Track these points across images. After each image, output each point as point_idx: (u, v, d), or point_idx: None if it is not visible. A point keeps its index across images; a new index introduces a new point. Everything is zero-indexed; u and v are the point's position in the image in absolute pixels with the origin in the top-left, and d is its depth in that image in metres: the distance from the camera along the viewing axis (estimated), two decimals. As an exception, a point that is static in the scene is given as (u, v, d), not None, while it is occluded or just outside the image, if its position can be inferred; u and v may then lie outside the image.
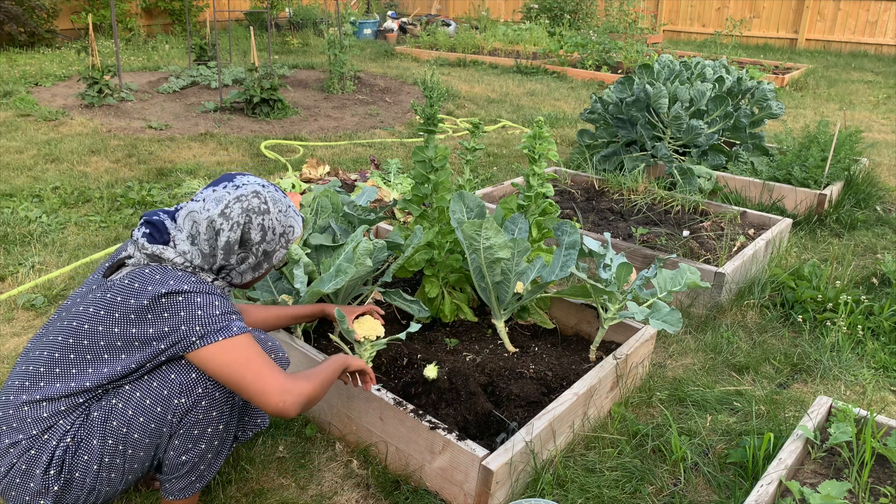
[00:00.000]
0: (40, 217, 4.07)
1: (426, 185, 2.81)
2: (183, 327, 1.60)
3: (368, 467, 2.19)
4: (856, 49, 12.36)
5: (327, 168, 4.96)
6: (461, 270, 2.87)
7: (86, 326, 1.62)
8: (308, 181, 4.76)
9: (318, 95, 8.05)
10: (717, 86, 4.94)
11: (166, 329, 1.60)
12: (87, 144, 5.59)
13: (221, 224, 1.69)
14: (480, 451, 1.94)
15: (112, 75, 7.09)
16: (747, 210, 4.09)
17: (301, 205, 2.87)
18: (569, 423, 2.24)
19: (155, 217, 1.74)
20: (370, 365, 2.36)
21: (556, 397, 2.25)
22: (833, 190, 4.43)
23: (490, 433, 2.19)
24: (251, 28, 7.48)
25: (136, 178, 4.89)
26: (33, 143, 5.59)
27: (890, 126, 7.16)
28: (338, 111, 7.33)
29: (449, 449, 1.99)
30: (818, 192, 4.35)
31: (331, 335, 2.57)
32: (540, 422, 2.10)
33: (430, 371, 2.34)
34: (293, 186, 4.47)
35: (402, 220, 4.09)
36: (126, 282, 1.63)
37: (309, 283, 2.62)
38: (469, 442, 1.97)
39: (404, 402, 2.13)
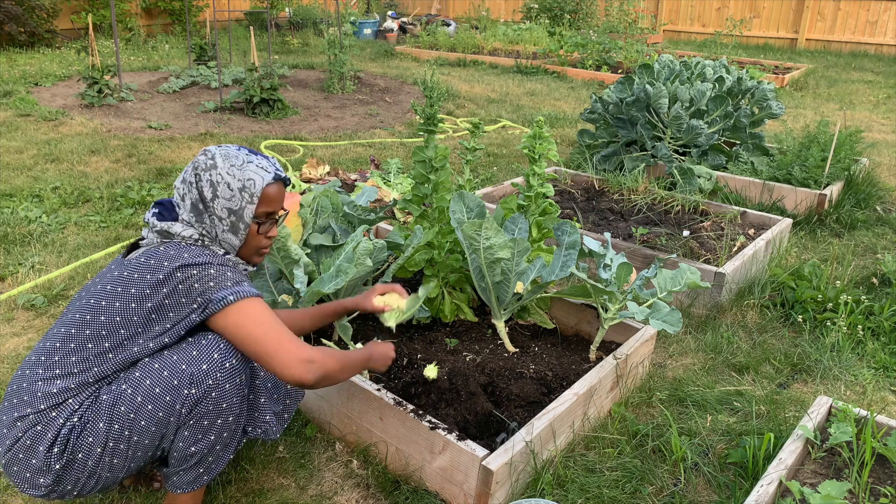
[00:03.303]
0: (40, 217, 4.07)
1: (426, 185, 2.81)
2: (198, 298, 1.64)
3: (368, 467, 2.19)
4: (856, 49, 12.35)
5: (327, 168, 4.96)
6: (461, 270, 2.87)
7: (103, 303, 1.66)
8: (308, 181, 4.76)
9: (318, 95, 8.05)
10: (717, 86, 4.94)
11: (183, 300, 1.64)
12: (87, 144, 5.59)
13: (183, 189, 1.75)
14: (480, 451, 1.94)
15: (112, 75, 7.09)
16: (747, 210, 4.09)
17: (301, 205, 2.86)
18: (569, 423, 2.24)
19: (165, 200, 1.82)
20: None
21: (556, 397, 2.25)
22: (833, 190, 4.43)
23: (490, 433, 2.19)
24: (251, 28, 7.48)
25: (136, 178, 4.89)
26: (33, 143, 5.59)
27: (890, 126, 7.16)
28: (338, 111, 7.33)
29: (449, 449, 1.99)
30: (818, 192, 4.35)
31: (324, 340, 2.57)
32: (540, 422, 2.10)
33: (430, 371, 2.34)
34: (293, 186, 4.47)
35: (402, 220, 4.09)
36: (142, 259, 1.68)
37: (309, 284, 2.62)
38: (469, 442, 1.97)
39: (404, 402, 2.13)
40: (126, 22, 11.32)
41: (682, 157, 4.92)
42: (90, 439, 1.63)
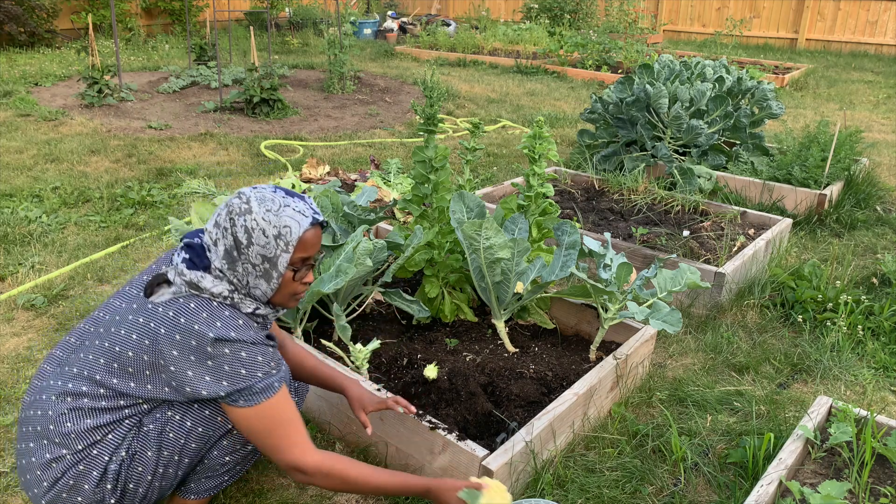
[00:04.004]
0: (40, 217, 4.07)
1: (426, 185, 2.81)
2: (224, 381, 1.58)
3: (368, 467, 2.19)
4: (856, 49, 12.35)
5: (327, 168, 4.96)
6: (461, 270, 2.87)
7: (130, 353, 1.61)
8: (308, 181, 4.76)
9: (318, 95, 8.05)
10: (717, 86, 4.94)
11: (207, 378, 1.57)
12: (87, 144, 5.59)
13: (216, 234, 1.64)
14: (480, 451, 1.94)
15: (112, 75, 7.09)
16: (747, 210, 4.09)
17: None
18: (569, 423, 2.24)
19: (196, 240, 1.70)
20: (366, 366, 2.37)
21: (556, 397, 2.25)
22: (833, 190, 4.42)
23: (490, 433, 2.19)
24: (251, 28, 7.48)
25: (136, 178, 4.89)
26: (33, 143, 5.59)
27: (890, 126, 7.16)
28: (338, 111, 7.33)
29: (449, 449, 1.99)
30: (818, 192, 4.35)
31: (323, 341, 2.57)
32: (540, 422, 2.10)
33: (430, 371, 2.34)
34: (293, 186, 4.47)
35: (402, 220, 4.09)
36: (170, 314, 1.59)
37: (309, 283, 2.62)
38: (469, 442, 1.97)
39: (404, 402, 2.13)
40: (126, 22, 11.31)
41: (682, 157, 4.92)
42: (140, 469, 1.65)
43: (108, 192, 4.52)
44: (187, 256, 1.65)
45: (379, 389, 2.17)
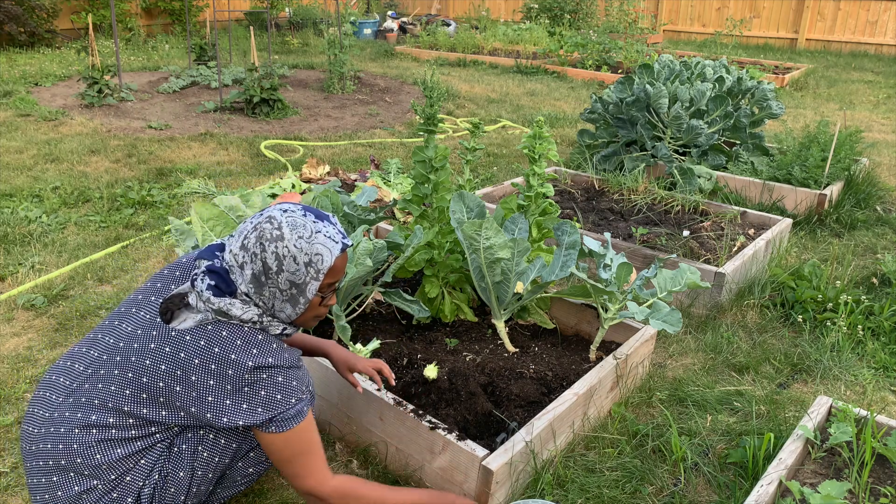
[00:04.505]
0: (40, 217, 4.07)
1: (426, 185, 2.81)
2: (259, 408, 1.56)
3: (368, 467, 2.19)
4: (856, 49, 12.35)
5: (327, 168, 4.96)
6: (461, 270, 2.87)
7: (160, 384, 1.57)
8: (308, 181, 4.76)
9: (318, 95, 8.05)
10: (717, 86, 4.94)
11: (245, 406, 1.56)
12: (87, 144, 5.59)
13: (243, 257, 1.59)
14: (480, 451, 1.94)
15: (112, 75, 7.09)
16: (747, 210, 4.09)
17: (301, 205, 2.86)
18: (569, 423, 2.24)
19: (216, 262, 1.64)
20: None
21: (556, 397, 2.25)
22: (833, 190, 4.42)
23: (490, 433, 2.19)
24: (251, 28, 7.48)
25: (136, 178, 4.89)
26: (33, 143, 5.59)
27: (890, 126, 7.16)
28: (338, 111, 7.33)
29: (449, 449, 1.99)
30: (818, 192, 4.35)
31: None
32: (540, 422, 2.10)
33: (430, 371, 2.34)
34: (293, 186, 4.47)
35: (402, 220, 4.09)
36: (202, 343, 1.56)
37: (309, 283, 2.62)
38: (469, 442, 1.97)
39: (404, 402, 2.13)
40: (126, 22, 11.32)
41: (682, 157, 4.92)
42: (173, 490, 1.65)
43: (108, 192, 4.52)
44: (213, 283, 1.59)
45: (379, 389, 2.17)
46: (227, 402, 1.55)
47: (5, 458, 2.20)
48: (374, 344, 2.40)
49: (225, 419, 1.56)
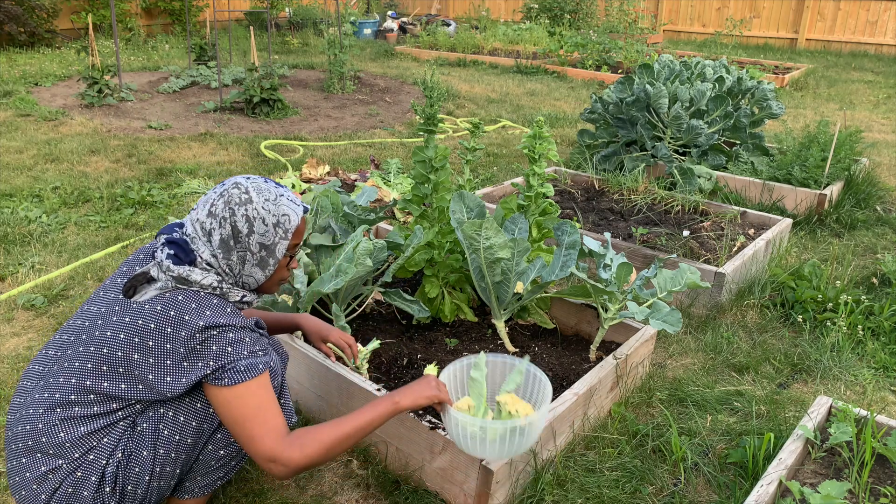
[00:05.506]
0: (40, 217, 4.07)
1: (426, 185, 2.81)
2: (212, 362, 1.58)
3: (368, 467, 2.19)
4: (856, 49, 12.36)
5: (327, 168, 4.96)
6: (461, 270, 2.87)
7: (119, 354, 1.60)
8: (308, 181, 4.76)
9: (318, 95, 8.05)
10: (717, 86, 4.94)
11: (199, 364, 1.58)
12: (87, 144, 5.59)
13: (211, 224, 1.65)
14: (480, 451, 1.94)
15: (112, 75, 7.09)
16: (747, 210, 4.09)
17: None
18: (569, 423, 2.24)
19: (175, 234, 1.70)
20: (366, 366, 2.38)
21: (556, 397, 2.25)
22: (833, 190, 4.43)
23: (490, 433, 2.19)
24: (251, 28, 7.48)
25: (136, 178, 4.89)
26: (33, 143, 5.59)
27: (890, 126, 7.16)
28: (338, 111, 7.33)
29: (449, 449, 1.99)
30: (818, 192, 4.35)
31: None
32: (540, 422, 2.10)
33: (431, 371, 2.33)
34: (293, 186, 4.47)
35: (402, 220, 4.09)
36: (159, 308, 1.59)
37: (309, 283, 2.62)
38: (469, 442, 1.97)
39: (404, 402, 2.12)
40: (126, 22, 11.32)
41: (682, 157, 4.92)
42: (137, 469, 1.65)
43: (108, 192, 4.52)
44: (172, 252, 1.64)
45: (379, 389, 2.17)
46: (185, 363, 1.58)
47: (5, 458, 2.20)
48: (374, 344, 2.40)
49: (183, 380, 1.59)
